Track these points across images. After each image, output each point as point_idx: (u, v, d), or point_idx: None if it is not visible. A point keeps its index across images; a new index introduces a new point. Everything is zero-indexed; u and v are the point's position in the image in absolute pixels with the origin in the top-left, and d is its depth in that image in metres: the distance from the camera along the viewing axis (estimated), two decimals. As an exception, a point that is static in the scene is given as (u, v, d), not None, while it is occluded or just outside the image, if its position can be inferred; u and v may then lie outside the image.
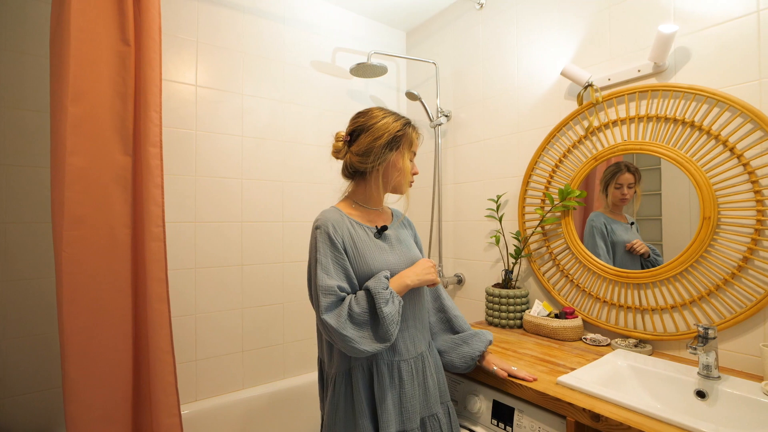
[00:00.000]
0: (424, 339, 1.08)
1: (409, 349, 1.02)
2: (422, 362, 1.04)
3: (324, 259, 0.96)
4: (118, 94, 1.05)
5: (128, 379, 1.09)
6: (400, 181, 1.07)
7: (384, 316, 0.91)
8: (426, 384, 1.03)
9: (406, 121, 1.07)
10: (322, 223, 0.99)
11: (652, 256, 1.31)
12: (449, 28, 2.05)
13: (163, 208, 1.08)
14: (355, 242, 1.01)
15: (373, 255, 1.01)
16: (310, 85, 1.95)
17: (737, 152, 1.13)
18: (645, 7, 1.32)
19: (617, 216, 1.41)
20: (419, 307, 1.09)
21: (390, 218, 1.16)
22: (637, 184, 1.35)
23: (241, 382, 1.72)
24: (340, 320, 0.90)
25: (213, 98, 1.67)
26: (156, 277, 1.09)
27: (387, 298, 0.92)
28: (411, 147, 1.08)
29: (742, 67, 1.13)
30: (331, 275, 0.95)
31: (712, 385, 1.02)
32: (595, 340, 1.36)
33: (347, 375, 0.99)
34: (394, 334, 0.93)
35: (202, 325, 1.63)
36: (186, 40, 1.61)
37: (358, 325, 0.91)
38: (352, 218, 1.05)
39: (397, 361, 1.00)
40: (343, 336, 0.89)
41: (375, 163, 1.03)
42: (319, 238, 0.98)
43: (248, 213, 1.75)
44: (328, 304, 0.92)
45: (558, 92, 1.57)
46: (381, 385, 0.97)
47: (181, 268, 1.58)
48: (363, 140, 1.04)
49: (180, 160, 1.59)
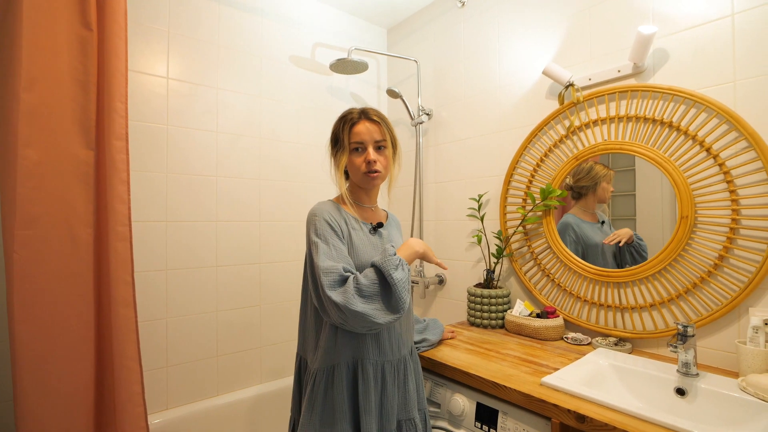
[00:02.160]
0: (408, 342, 1.08)
1: (394, 350, 1.01)
2: (404, 366, 1.03)
3: (324, 244, 0.94)
4: (79, 82, 0.97)
5: (89, 390, 1.02)
6: (357, 179, 1.07)
7: (395, 282, 0.88)
8: (406, 387, 1.02)
9: (341, 117, 1.07)
10: (319, 212, 1.00)
11: (636, 242, 1.32)
12: (430, 26, 2.03)
13: (129, 205, 1.01)
14: (351, 234, 1.01)
15: (366, 250, 1.01)
16: (288, 80, 1.90)
17: (713, 152, 1.14)
18: (624, 8, 1.33)
19: (587, 216, 1.42)
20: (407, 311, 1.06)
21: (385, 219, 1.16)
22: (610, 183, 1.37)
23: (215, 388, 1.65)
24: (347, 295, 0.86)
25: (186, 92, 1.59)
26: (121, 280, 1.01)
27: (396, 264, 0.90)
28: (351, 140, 1.02)
29: (717, 69, 1.15)
30: (334, 258, 0.93)
31: (691, 383, 1.03)
32: (576, 339, 1.37)
33: (329, 371, 0.96)
34: (407, 302, 0.90)
35: (173, 329, 1.55)
36: (156, 30, 1.52)
37: (367, 298, 0.87)
38: (348, 212, 1.06)
39: (382, 362, 0.98)
40: (352, 312, 0.85)
41: (336, 167, 1.06)
42: (319, 225, 0.97)
43: (223, 212, 1.68)
44: (331, 282, 0.88)
45: (539, 92, 1.57)
46: (366, 384, 0.95)
47: (151, 269, 1.50)
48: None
49: (150, 156, 1.50)
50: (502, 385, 1.03)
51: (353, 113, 1.05)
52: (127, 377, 1.00)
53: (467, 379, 1.13)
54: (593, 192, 1.41)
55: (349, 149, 1.04)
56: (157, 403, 1.50)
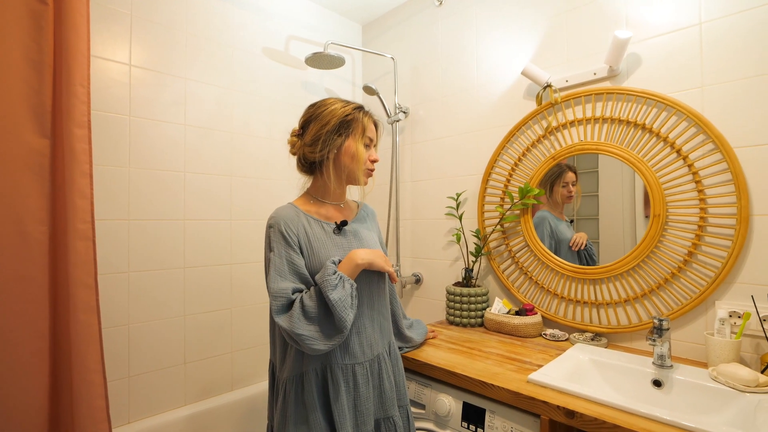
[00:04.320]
0: (383, 340, 1.05)
1: (365, 352, 0.98)
2: (378, 364, 1.01)
3: (278, 259, 0.92)
4: (31, 62, 0.86)
5: (43, 409, 0.91)
6: (353, 168, 1.02)
7: (333, 303, 0.86)
8: (382, 386, 1.00)
9: (356, 106, 1.04)
10: (275, 221, 0.96)
11: (588, 246, 1.39)
12: (407, 24, 2.02)
13: (92, 201, 0.91)
14: (310, 240, 0.97)
15: (328, 252, 0.97)
16: (261, 73, 1.82)
17: (683, 154, 1.20)
18: (600, 13, 1.38)
19: (560, 215, 1.46)
20: (378, 307, 1.05)
21: (354, 213, 1.12)
22: (577, 183, 1.42)
23: (183, 398, 1.54)
24: (292, 320, 0.86)
25: (150, 81, 1.48)
26: (82, 283, 0.91)
27: (334, 284, 0.88)
28: (364, 132, 1.03)
29: (686, 74, 1.21)
30: (285, 276, 0.91)
31: (667, 374, 1.07)
32: (554, 335, 1.39)
33: (299, 379, 0.94)
34: (349, 320, 0.88)
35: (136, 336, 1.43)
36: (117, 12, 1.40)
37: (311, 321, 0.87)
38: (309, 215, 1.02)
39: (352, 365, 0.96)
40: (297, 336, 0.85)
41: (325, 151, 0.99)
42: (273, 237, 0.95)
43: (192, 210, 1.58)
44: (279, 307, 0.88)
45: (517, 92, 1.59)
46: (336, 390, 0.93)
47: (111, 272, 1.37)
48: (312, 129, 1.01)
49: (110, 149, 1.38)
50: (489, 383, 1.03)
51: (365, 108, 1.05)
52: (88, 392, 0.90)
53: (453, 379, 1.11)
54: (551, 194, 1.47)
55: (363, 140, 1.02)
56: (119, 417, 1.38)
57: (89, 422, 0.91)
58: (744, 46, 1.11)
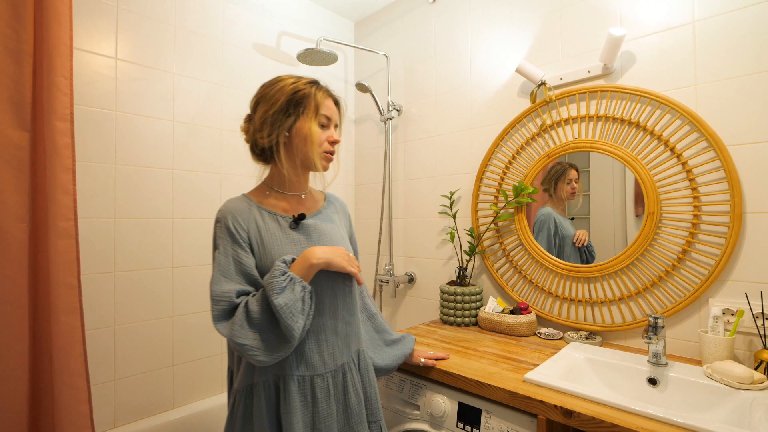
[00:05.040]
0: (347, 349, 0.93)
1: (326, 362, 0.88)
2: (342, 376, 0.90)
3: (223, 258, 0.82)
4: (9, 51, 0.82)
5: (22, 413, 0.87)
6: (307, 152, 0.89)
7: (278, 309, 0.75)
8: (347, 400, 0.90)
9: (310, 81, 0.92)
10: (222, 215, 0.86)
11: (589, 243, 1.39)
12: (400, 21, 2.00)
13: (74, 197, 0.88)
14: (262, 236, 0.86)
15: (282, 250, 0.86)
16: (252, 69, 1.78)
17: (677, 152, 1.20)
18: (594, 11, 1.37)
19: (562, 212, 1.46)
20: (344, 313, 0.93)
21: (319, 205, 1.01)
22: (579, 180, 1.41)
23: (171, 401, 1.50)
24: (233, 327, 0.77)
25: (137, 75, 1.44)
26: (64, 283, 0.88)
27: (281, 287, 0.77)
28: (318, 110, 0.90)
29: (680, 72, 1.21)
30: (230, 277, 0.81)
31: (662, 372, 1.07)
32: (548, 334, 1.39)
33: (248, 391, 0.84)
34: (298, 328, 0.77)
35: (122, 338, 1.39)
36: (103, 4, 1.36)
37: (255, 328, 0.77)
38: (264, 207, 0.91)
39: (310, 377, 0.85)
40: (238, 345, 0.76)
41: (274, 135, 0.88)
42: (219, 233, 0.85)
43: (180, 208, 1.54)
44: (219, 312, 0.79)
45: (511, 90, 1.58)
46: (288, 405, 0.82)
47: (96, 272, 1.33)
48: (260, 110, 0.90)
49: (95, 145, 1.34)
50: (485, 383, 1.01)
51: (318, 82, 0.93)
52: (71, 396, 0.86)
53: (448, 379, 1.10)
54: (555, 191, 1.46)
55: (317, 119, 0.90)
56: (103, 422, 1.34)
57: (72, 428, 0.88)
58: (737, 44, 1.12)
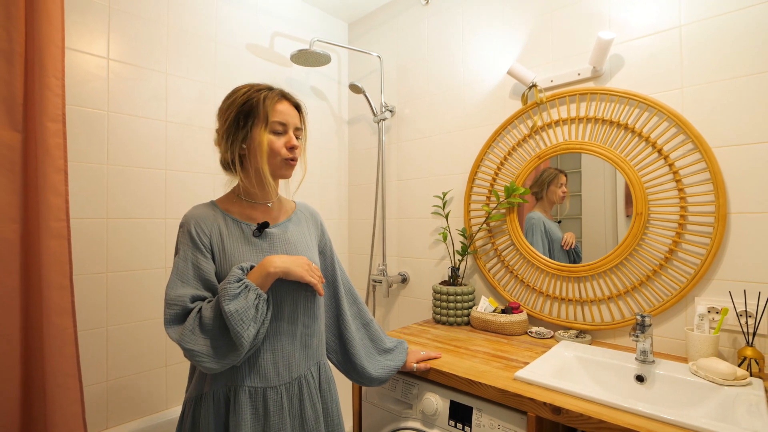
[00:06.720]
0: (305, 360, 0.91)
1: (281, 373, 0.85)
2: (299, 388, 0.88)
3: (182, 262, 0.83)
4: (0, 52, 0.82)
5: (14, 414, 0.86)
6: (261, 166, 0.87)
7: (228, 316, 0.74)
8: (303, 415, 0.87)
9: (259, 88, 0.90)
10: (185, 221, 0.87)
11: (576, 245, 1.42)
12: (393, 22, 2.01)
13: (66, 198, 0.88)
14: (224, 242, 0.86)
15: (243, 258, 0.86)
16: (245, 69, 1.78)
17: (664, 153, 1.23)
18: (584, 14, 1.39)
19: (550, 216, 1.48)
20: (304, 323, 0.91)
21: (287, 214, 1.01)
22: (567, 184, 1.44)
23: (164, 401, 1.50)
24: (183, 332, 0.76)
25: (129, 75, 1.43)
26: (56, 284, 0.88)
27: (234, 293, 0.76)
28: (268, 118, 0.87)
29: (667, 75, 1.24)
30: (187, 282, 0.81)
31: (649, 369, 1.09)
32: (540, 333, 1.40)
33: (197, 401, 0.83)
34: (247, 336, 0.76)
35: (115, 339, 1.39)
36: (94, 4, 1.36)
37: (206, 334, 0.76)
38: (229, 214, 0.91)
39: (262, 389, 0.83)
40: (187, 351, 0.75)
41: (231, 149, 0.88)
42: (181, 239, 0.85)
43: (173, 208, 1.54)
44: (171, 316, 0.78)
45: (503, 91, 1.60)
46: (237, 417, 0.80)
47: (88, 273, 1.33)
48: (218, 124, 0.91)
49: (87, 145, 1.33)
50: (477, 381, 1.03)
51: (271, 88, 0.91)
52: (63, 397, 0.86)
53: (440, 378, 1.11)
54: (546, 195, 1.48)
55: (269, 127, 0.88)
56: (96, 423, 1.33)
57: (64, 429, 0.88)
58: (722, 48, 1.14)
